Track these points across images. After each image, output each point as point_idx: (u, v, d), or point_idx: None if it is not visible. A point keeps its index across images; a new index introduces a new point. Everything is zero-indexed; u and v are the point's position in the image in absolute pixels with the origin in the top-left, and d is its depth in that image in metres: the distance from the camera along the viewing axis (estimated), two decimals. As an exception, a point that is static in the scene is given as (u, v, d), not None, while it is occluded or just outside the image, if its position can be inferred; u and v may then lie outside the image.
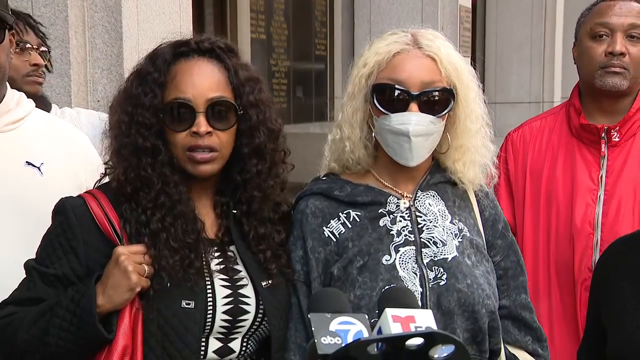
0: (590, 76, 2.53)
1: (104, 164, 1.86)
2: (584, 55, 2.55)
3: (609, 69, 2.49)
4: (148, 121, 1.74)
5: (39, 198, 1.95)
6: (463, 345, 1.18)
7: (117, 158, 1.76)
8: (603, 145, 2.52)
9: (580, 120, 2.55)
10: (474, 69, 1.95)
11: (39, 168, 2.09)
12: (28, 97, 2.21)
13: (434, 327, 1.28)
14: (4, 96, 2.11)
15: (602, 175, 2.52)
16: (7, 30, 2.01)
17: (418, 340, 1.16)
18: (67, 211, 1.74)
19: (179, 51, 1.78)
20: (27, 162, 2.09)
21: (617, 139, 2.52)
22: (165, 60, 1.76)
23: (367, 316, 1.31)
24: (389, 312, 1.28)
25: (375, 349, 1.17)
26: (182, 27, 3.79)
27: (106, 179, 1.86)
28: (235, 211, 1.84)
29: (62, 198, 1.78)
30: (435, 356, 1.17)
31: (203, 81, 1.76)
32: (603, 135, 2.51)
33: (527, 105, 10.20)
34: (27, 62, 2.76)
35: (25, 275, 1.76)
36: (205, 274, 1.75)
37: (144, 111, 1.74)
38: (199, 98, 1.74)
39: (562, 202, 2.54)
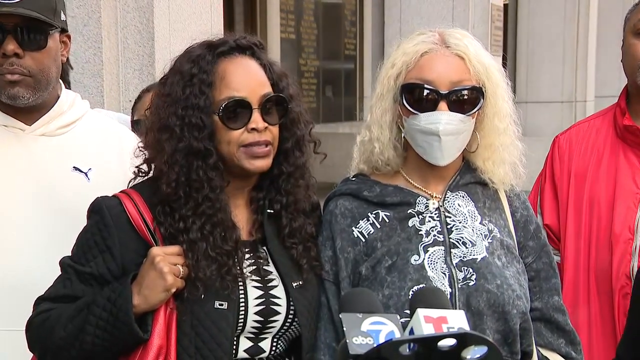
0: (632, 75, 2.42)
1: (136, 167, 1.85)
2: (627, 53, 2.45)
3: None
4: (201, 123, 1.74)
5: (84, 205, 1.86)
6: (496, 346, 1.17)
7: (170, 162, 1.74)
8: None
9: (623, 121, 2.45)
10: (505, 68, 1.93)
11: (86, 174, 2.06)
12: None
13: (467, 327, 1.27)
14: (57, 98, 2.08)
15: None
16: (49, 36, 1.96)
17: (450, 341, 1.15)
18: (102, 211, 1.75)
19: (219, 50, 1.79)
20: (74, 167, 2.06)
21: None
22: (208, 61, 1.77)
23: (398, 316, 1.31)
24: (421, 312, 1.27)
25: (407, 350, 1.16)
26: (212, 27, 3.81)
27: (138, 179, 1.86)
28: (271, 210, 1.84)
29: (98, 197, 1.79)
30: (468, 357, 1.16)
31: (253, 78, 1.78)
32: None
33: (559, 105, 10.08)
34: None
35: (60, 273, 1.78)
36: (238, 277, 1.76)
37: (196, 112, 1.74)
38: (253, 95, 1.76)
39: (603, 206, 2.44)
